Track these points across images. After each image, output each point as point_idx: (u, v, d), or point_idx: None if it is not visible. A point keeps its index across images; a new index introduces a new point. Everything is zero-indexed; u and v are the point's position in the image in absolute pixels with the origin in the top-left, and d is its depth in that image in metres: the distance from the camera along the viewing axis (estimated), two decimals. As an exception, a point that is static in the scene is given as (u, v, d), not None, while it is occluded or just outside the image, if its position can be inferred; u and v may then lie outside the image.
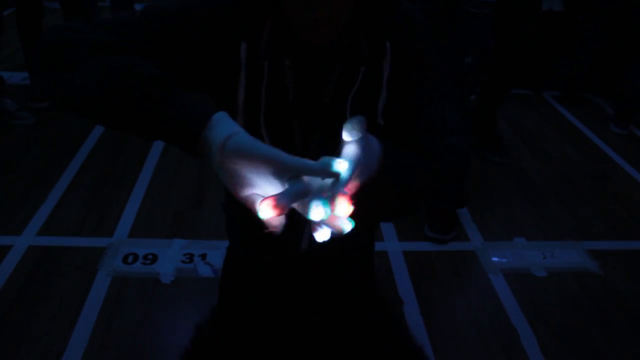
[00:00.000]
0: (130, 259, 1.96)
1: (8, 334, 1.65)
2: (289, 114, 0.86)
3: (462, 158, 2.13)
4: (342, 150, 0.60)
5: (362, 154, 0.60)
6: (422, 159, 0.89)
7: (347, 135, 0.60)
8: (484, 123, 2.82)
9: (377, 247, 1.20)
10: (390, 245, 2.12)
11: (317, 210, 0.53)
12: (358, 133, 0.60)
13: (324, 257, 1.04)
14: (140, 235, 2.09)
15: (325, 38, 0.81)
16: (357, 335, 0.98)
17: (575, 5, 3.17)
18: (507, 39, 2.56)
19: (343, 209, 0.54)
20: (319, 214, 0.53)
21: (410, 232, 2.21)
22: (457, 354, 1.69)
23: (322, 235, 0.57)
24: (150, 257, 1.98)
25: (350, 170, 0.57)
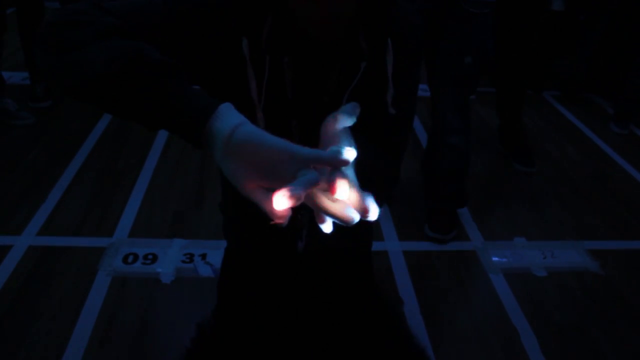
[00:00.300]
0: (131, 259, 1.96)
1: (8, 334, 1.65)
2: (288, 113, 0.86)
3: (462, 158, 2.13)
4: (328, 137, 0.59)
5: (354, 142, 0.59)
6: (387, 158, 0.91)
7: (343, 121, 0.59)
8: (509, 132, 2.80)
9: (377, 247, 1.20)
10: (391, 245, 2.12)
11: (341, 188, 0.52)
12: (353, 119, 0.59)
13: (321, 255, 1.04)
14: (141, 235, 2.09)
15: (331, 34, 0.81)
16: (358, 335, 0.98)
17: (575, 5, 3.17)
18: (507, 39, 2.56)
19: (344, 192, 0.53)
20: (343, 191, 0.52)
21: (411, 231, 2.21)
22: (457, 354, 1.69)
23: (327, 227, 0.56)
24: (151, 257, 1.98)
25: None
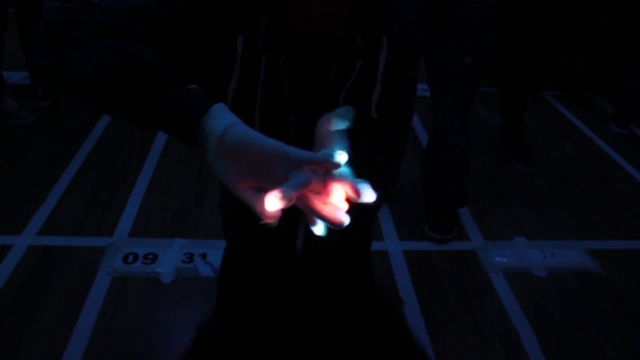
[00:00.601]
0: (131, 259, 1.96)
1: (8, 334, 1.65)
2: (284, 110, 0.87)
3: (462, 158, 2.13)
4: (322, 138, 0.59)
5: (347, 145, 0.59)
6: (385, 156, 0.91)
7: (336, 124, 0.59)
8: (510, 132, 2.79)
9: (377, 246, 1.20)
10: (391, 245, 2.12)
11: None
12: (346, 123, 0.59)
13: (319, 254, 1.04)
14: (141, 235, 2.09)
15: (323, 32, 0.82)
16: (358, 335, 0.98)
17: (576, 5, 3.17)
18: (509, 40, 2.56)
19: (337, 195, 0.54)
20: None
21: (411, 231, 2.21)
22: (457, 354, 1.69)
23: (318, 229, 0.56)
24: (151, 256, 1.98)
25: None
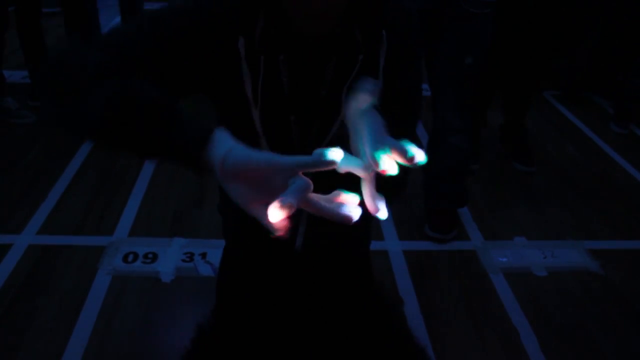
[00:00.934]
0: (131, 258, 1.96)
1: (8, 333, 1.65)
2: (285, 109, 0.87)
3: (462, 158, 2.12)
4: (354, 119, 0.64)
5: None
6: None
7: (364, 100, 0.62)
8: (511, 132, 2.79)
9: (377, 246, 1.20)
10: (391, 245, 2.12)
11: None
12: (374, 98, 0.63)
13: (319, 254, 1.04)
14: (141, 234, 2.09)
15: (322, 29, 0.82)
16: (358, 335, 0.97)
17: (576, 5, 3.16)
18: (508, 40, 2.55)
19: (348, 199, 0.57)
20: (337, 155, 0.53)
21: (411, 231, 2.21)
22: (457, 354, 1.69)
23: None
24: (151, 256, 1.97)
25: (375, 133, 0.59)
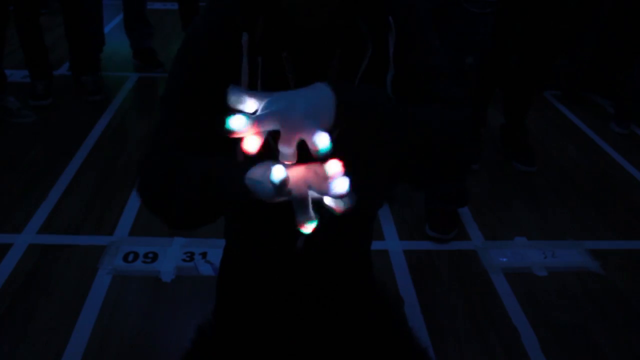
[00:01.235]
0: (131, 258, 1.96)
1: (8, 333, 1.65)
2: None
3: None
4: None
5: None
6: (442, 107, 0.85)
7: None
8: (511, 132, 2.78)
9: (377, 246, 1.20)
10: (391, 245, 2.12)
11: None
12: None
13: (320, 254, 1.04)
14: (141, 234, 2.09)
15: (319, 22, 0.82)
16: (359, 335, 0.97)
17: (577, 5, 3.16)
18: (508, 40, 2.55)
19: (335, 168, 0.56)
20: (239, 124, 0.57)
21: (411, 231, 2.21)
22: (457, 354, 1.69)
23: (307, 229, 0.59)
24: (151, 255, 1.97)
25: None
